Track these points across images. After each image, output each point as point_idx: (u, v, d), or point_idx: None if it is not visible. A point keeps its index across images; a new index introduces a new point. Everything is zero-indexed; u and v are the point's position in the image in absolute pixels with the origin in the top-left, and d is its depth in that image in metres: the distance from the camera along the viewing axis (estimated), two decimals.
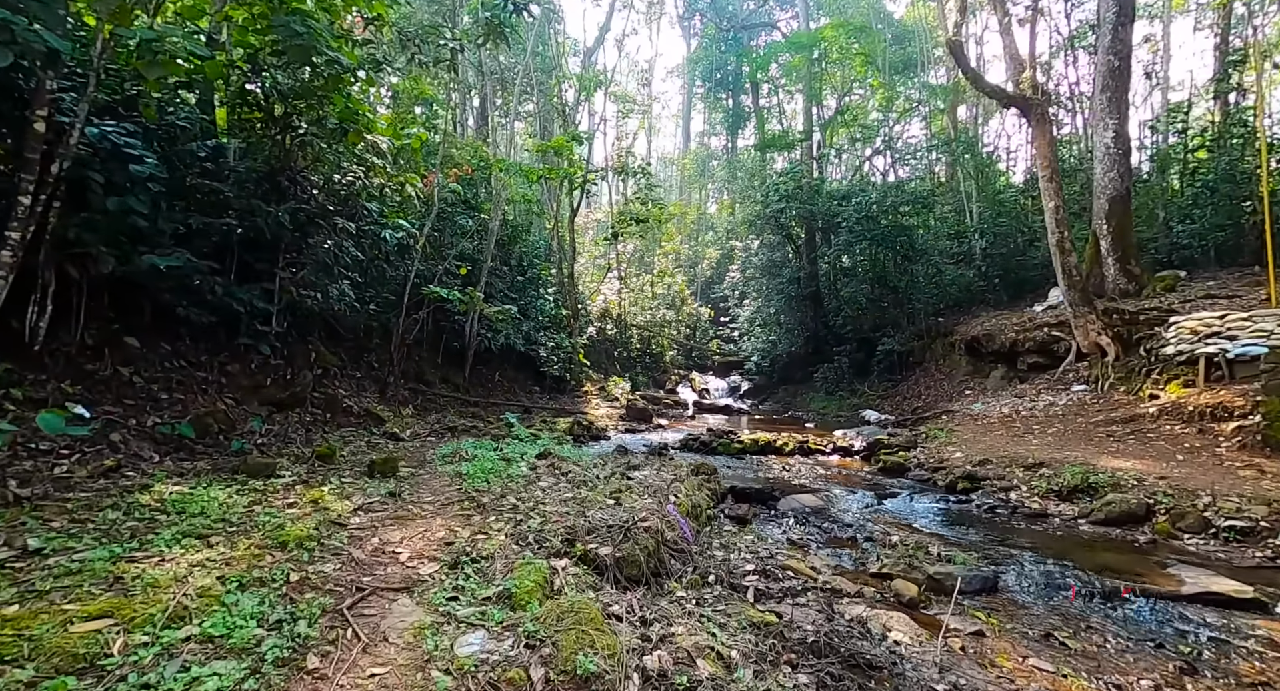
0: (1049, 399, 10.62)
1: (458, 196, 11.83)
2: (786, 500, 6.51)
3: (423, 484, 5.07)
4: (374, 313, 10.05)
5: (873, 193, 17.27)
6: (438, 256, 11.47)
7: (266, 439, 6.24)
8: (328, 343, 9.06)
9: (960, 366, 14.96)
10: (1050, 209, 11.06)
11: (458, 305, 10.87)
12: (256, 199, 6.74)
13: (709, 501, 5.54)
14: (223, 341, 6.90)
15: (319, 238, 7.33)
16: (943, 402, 13.78)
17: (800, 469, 8.71)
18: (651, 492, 4.82)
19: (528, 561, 3.17)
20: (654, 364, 23.82)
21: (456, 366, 12.59)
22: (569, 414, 12.83)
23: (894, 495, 7.25)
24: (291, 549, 3.11)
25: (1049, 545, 5.32)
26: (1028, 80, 11.02)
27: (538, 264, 15.78)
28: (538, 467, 5.81)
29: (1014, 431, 9.47)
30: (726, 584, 3.77)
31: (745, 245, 30.02)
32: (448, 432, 8.40)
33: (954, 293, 18.22)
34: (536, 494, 4.77)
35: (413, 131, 8.79)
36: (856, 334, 19.53)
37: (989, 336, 13.49)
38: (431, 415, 10.07)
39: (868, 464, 9.47)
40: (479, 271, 12.47)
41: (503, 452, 6.59)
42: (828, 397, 18.99)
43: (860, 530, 5.58)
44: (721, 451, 9.97)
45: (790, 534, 5.36)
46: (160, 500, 3.72)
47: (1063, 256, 10.87)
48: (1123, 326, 10.33)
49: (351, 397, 8.74)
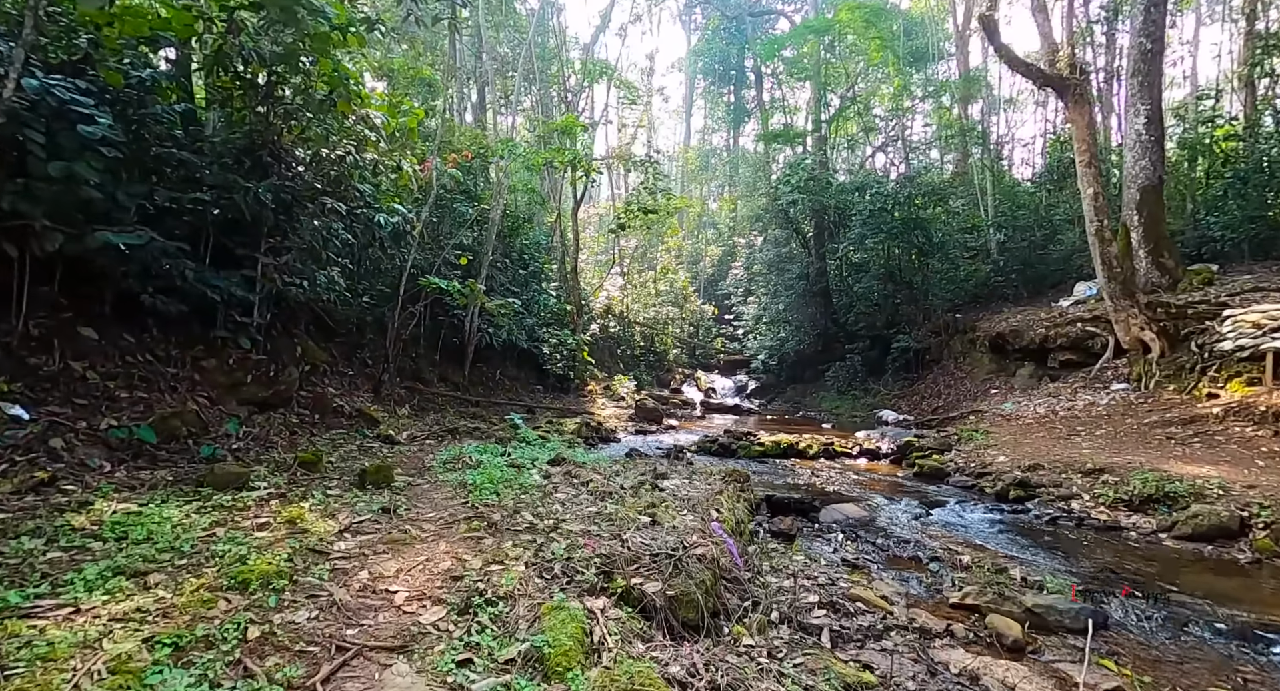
0: (1088, 398, 9.97)
1: (457, 183, 11.11)
2: (827, 511, 5.84)
3: (422, 496, 4.37)
4: (367, 305, 9.34)
5: (888, 184, 16.60)
6: (436, 246, 10.76)
7: (244, 443, 5.53)
8: (316, 337, 8.35)
9: (983, 364, 14.32)
10: (1089, 196, 10.41)
11: (457, 298, 10.16)
12: (234, 174, 6.02)
13: (748, 515, 4.85)
14: (197, 334, 6.18)
15: (305, 219, 6.61)
16: (967, 402, 13.13)
17: (830, 474, 8.04)
18: (690, 507, 4.13)
19: (558, 605, 2.48)
20: (658, 362, 23.12)
21: (456, 364, 11.88)
22: (575, 414, 12.14)
23: (940, 504, 6.58)
24: (254, 590, 2.41)
25: (1137, 565, 4.65)
26: (1065, 58, 10.38)
27: (539, 257, 15.07)
28: (552, 476, 5.11)
29: (1056, 433, 8.81)
30: (795, 623, 3.08)
31: (749, 241, 29.38)
32: (448, 435, 7.70)
33: (970, 288, 17.59)
34: (555, 509, 4.08)
35: (409, 109, 8.08)
36: (869, 331, 18.86)
37: (1016, 333, 12.84)
38: (430, 416, 9.36)
39: (900, 468, 8.81)
40: (479, 263, 11.75)
41: (511, 458, 5.89)
42: (840, 397, 18.32)
43: (920, 547, 4.90)
44: (742, 454, 9.29)
45: (844, 552, 4.68)
46: (97, 522, 3.01)
47: (1102, 246, 10.23)
48: (1168, 321, 9.69)
49: (342, 396, 8.02)
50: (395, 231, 8.38)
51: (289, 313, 7.58)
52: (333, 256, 6.93)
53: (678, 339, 25.56)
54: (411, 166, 8.60)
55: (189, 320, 5.98)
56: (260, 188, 6.06)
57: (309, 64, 6.18)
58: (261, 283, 6.59)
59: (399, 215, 8.32)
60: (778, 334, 21.04)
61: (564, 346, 14.76)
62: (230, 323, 6.29)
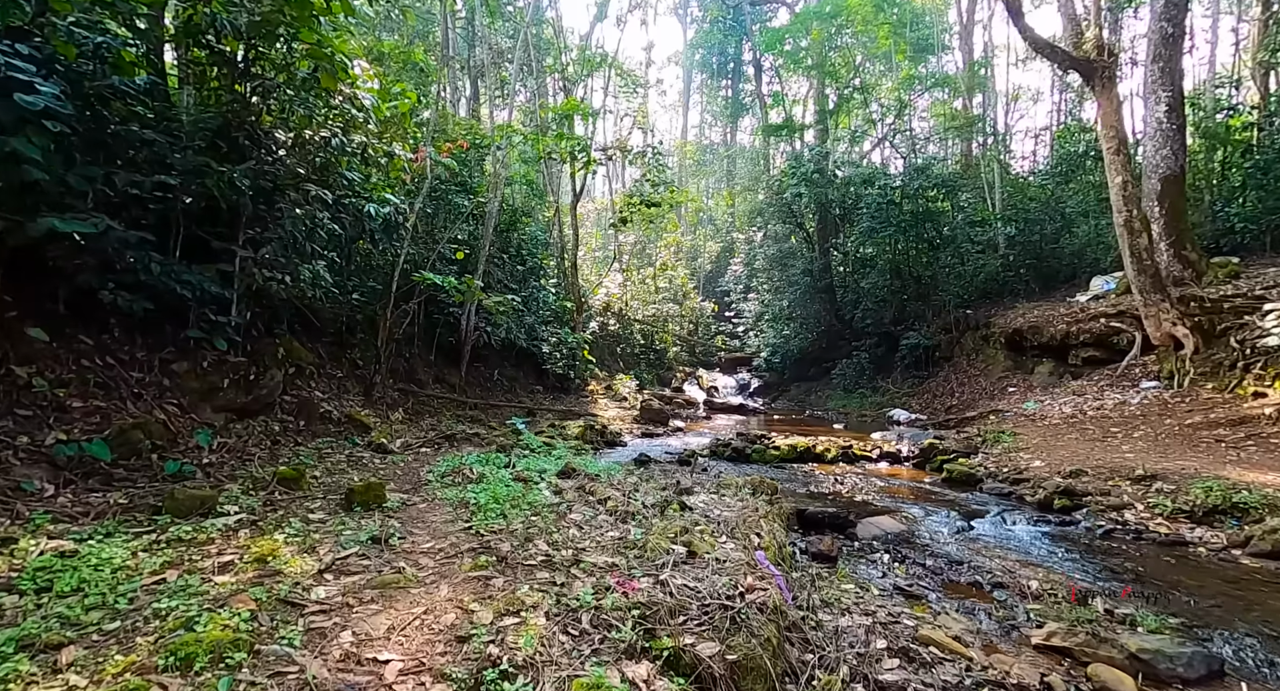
0: (1117, 397, 9.51)
1: (452, 174, 10.53)
2: (864, 525, 5.33)
3: (418, 519, 3.82)
4: (358, 302, 8.76)
5: (897, 176, 16.10)
6: (430, 239, 10.18)
7: (218, 456, 4.96)
8: (302, 336, 7.77)
9: (998, 361, 13.86)
10: (1117, 185, 9.93)
11: (453, 294, 9.59)
12: (207, 157, 5.43)
13: (784, 533, 4.32)
14: (168, 335, 5.60)
15: (287, 208, 6.03)
16: (984, 401, 12.67)
17: (853, 480, 7.53)
18: (728, 532, 3.60)
19: (596, 682, 1.94)
20: (658, 361, 22.60)
21: (452, 364, 11.31)
22: (577, 416, 11.59)
23: (979, 514, 6.09)
24: (201, 669, 1.86)
25: (1220, 589, 4.15)
26: (1092, 40, 9.88)
27: (538, 253, 14.50)
28: (564, 492, 4.57)
29: (1090, 435, 8.33)
30: (871, 684, 2.55)
31: (748, 237, 28.88)
32: (445, 442, 7.14)
33: (979, 283, 17.12)
34: (573, 534, 3.54)
35: (401, 91, 7.50)
36: (876, 328, 18.41)
37: (1035, 329, 12.38)
38: (425, 420, 8.79)
39: (925, 473, 8.32)
40: (476, 259, 11.18)
41: (516, 470, 5.34)
42: (847, 395, 17.86)
43: (977, 570, 4.39)
44: (757, 459, 8.78)
45: (894, 577, 4.16)
46: (18, 568, 2.45)
47: (1131, 238, 9.76)
48: (1202, 315, 9.23)
49: (330, 401, 7.45)
50: (387, 223, 7.80)
51: (271, 310, 7.00)
52: (318, 249, 6.35)
53: (678, 337, 25.04)
54: (405, 153, 8.02)
55: (157, 320, 5.40)
56: (236, 172, 5.48)
57: (289, 36, 5.60)
58: (239, 277, 6.02)
59: (391, 205, 7.75)
60: (781, 331, 20.54)
61: (564, 345, 14.21)
62: (204, 322, 5.71)
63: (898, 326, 17.95)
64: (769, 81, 30.99)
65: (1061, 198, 17.58)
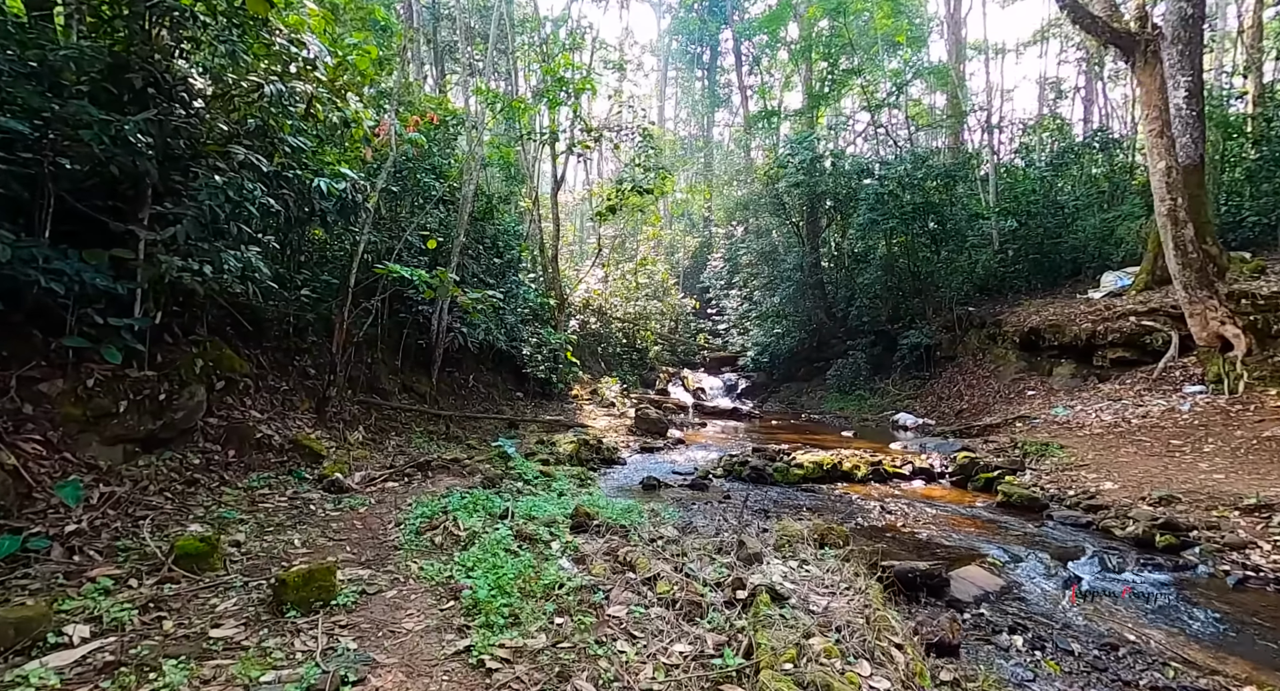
0: (1161, 403, 8.70)
1: (419, 150, 9.10)
2: (957, 581, 4.22)
3: (385, 629, 2.54)
4: (307, 300, 7.30)
5: (900, 165, 15.20)
6: (395, 226, 8.75)
7: (97, 516, 3.56)
8: (236, 342, 6.31)
9: (1009, 362, 13.07)
10: (1160, 170, 9.13)
11: (423, 290, 8.19)
12: (91, 103, 4.00)
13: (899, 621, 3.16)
14: (37, 344, 4.15)
15: (205, 175, 4.60)
16: (1000, 405, 11.84)
17: (901, 508, 6.47)
18: (858, 644, 2.41)
19: None
20: (641, 361, 21.38)
21: (421, 370, 9.89)
22: (566, 427, 10.30)
23: (1070, 554, 5.07)
24: None
25: None
26: (1136, 9, 9.05)
27: (517, 244, 13.10)
28: (588, 559, 3.33)
29: (1149, 449, 7.46)
30: None
31: (728, 232, 27.92)
32: (418, 472, 5.79)
33: (977, 278, 16.38)
34: (625, 657, 2.31)
35: (359, 43, 6.11)
36: (873, 326, 17.55)
37: (1055, 327, 11.58)
38: (391, 440, 7.40)
39: (969, 493, 7.33)
40: (449, 250, 9.77)
41: (515, 521, 4.07)
42: (844, 397, 16.96)
43: (1139, 655, 3.31)
44: (778, 480, 7.66)
45: (1049, 684, 3.05)
46: None
47: (1176, 229, 8.97)
48: (1256, 313, 8.48)
49: (271, 421, 6.02)
50: (343, 203, 6.38)
51: (193, 310, 5.55)
52: (248, 231, 4.93)
53: (659, 335, 23.87)
54: (367, 117, 6.61)
55: (15, 324, 3.95)
56: (129, 125, 4.05)
57: None
58: (144, 268, 4.58)
59: (347, 182, 6.33)
60: (772, 329, 19.54)
61: (545, 346, 12.88)
62: (90, 326, 4.26)
63: (895, 325, 17.11)
64: (749, 71, 30.02)
65: (1059, 190, 16.98)
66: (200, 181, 4.59)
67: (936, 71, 20.80)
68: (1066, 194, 16.65)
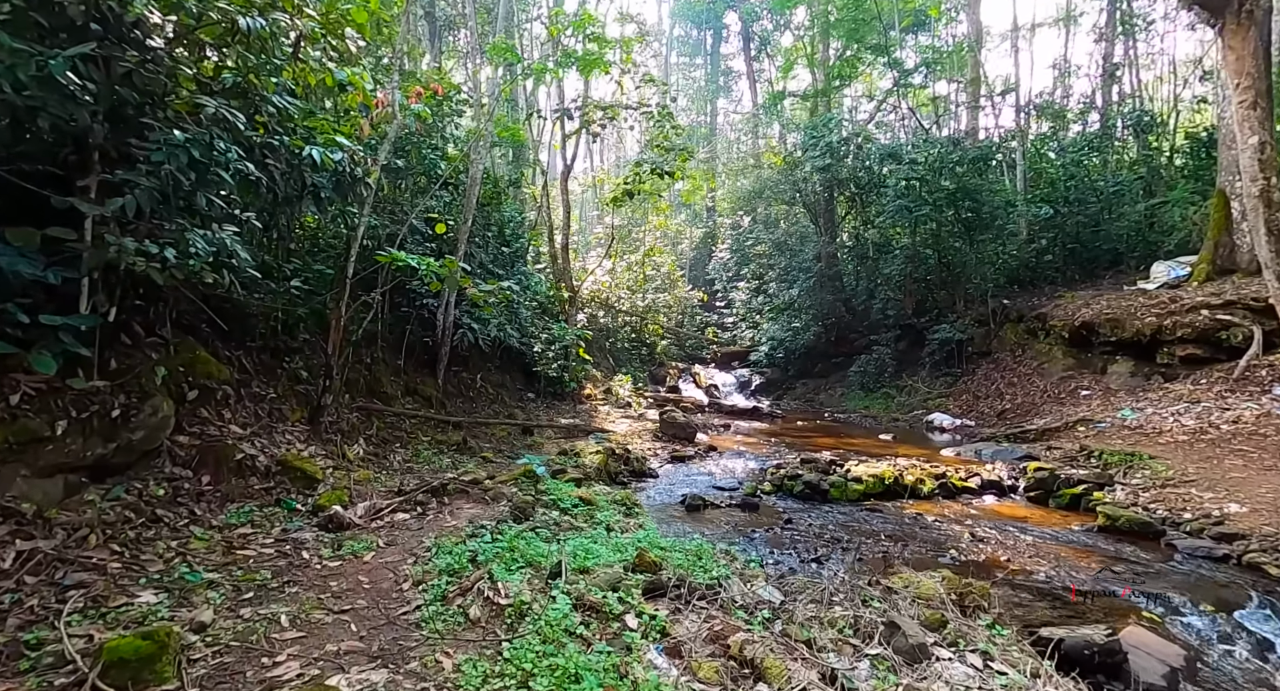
0: (1252, 407, 7.85)
1: (423, 125, 8.10)
2: (1135, 655, 3.32)
3: None
4: (298, 292, 6.31)
5: (931, 148, 14.25)
6: (396, 208, 7.75)
7: (10, 586, 2.60)
8: (216, 342, 5.33)
9: (1054, 359, 12.20)
10: (1251, 146, 8.20)
11: (429, 281, 7.19)
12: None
13: None
14: None
15: (162, 132, 3.61)
16: (1050, 405, 10.98)
17: (987, 533, 5.58)
18: None
19: None
20: (649, 356, 20.43)
21: (426, 370, 8.91)
22: (585, 433, 9.36)
23: (1234, 603, 4.19)
24: None
25: None
26: None
27: (525, 233, 12.11)
28: (686, 652, 2.40)
29: (1259, 461, 6.60)
30: None
31: (735, 222, 27.01)
32: (432, 499, 4.83)
33: (1010, 269, 15.48)
34: None
35: None
36: (899, 320, 16.66)
37: (1113, 322, 10.70)
38: (395, 453, 6.45)
39: (1052, 511, 6.48)
40: (455, 238, 8.78)
41: (565, 576, 3.13)
42: (868, 395, 16.09)
43: None
44: (837, 497, 6.76)
45: None
46: None
47: (1269, 211, 8.06)
48: None
49: (256, 437, 5.06)
50: (339, 177, 5.38)
51: (159, 305, 4.56)
52: (220, 205, 3.94)
53: (666, 329, 22.89)
54: (361, 82, 5.61)
55: None
56: (57, 61, 3.06)
57: None
58: (90, 251, 3.60)
59: (345, 152, 5.34)
60: (790, 323, 18.61)
61: (558, 342, 11.91)
62: (12, 326, 3.29)
63: (921, 318, 16.24)
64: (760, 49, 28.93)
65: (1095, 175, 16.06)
66: (158, 137, 3.60)
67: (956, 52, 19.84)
68: (1104, 179, 15.75)
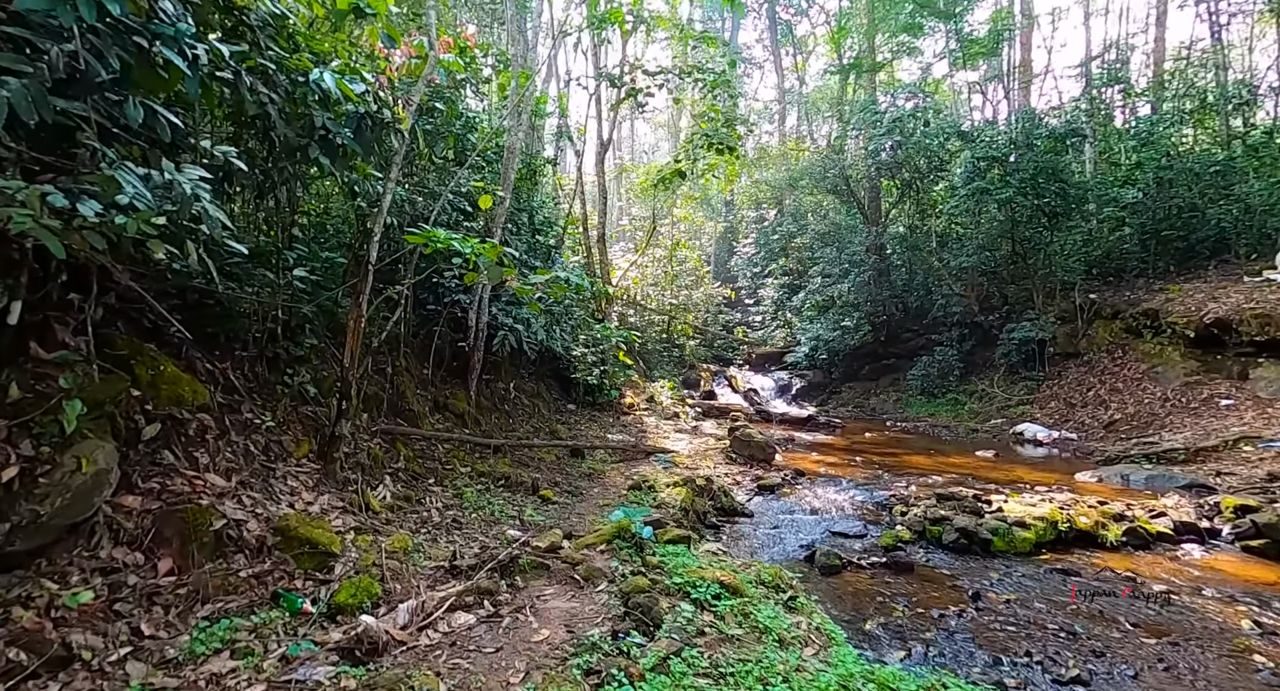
0: None
1: (454, 80, 6.57)
2: None
3: None
4: (304, 285, 4.78)
5: (1016, 123, 12.65)
6: (423, 179, 6.21)
7: None
8: (193, 352, 3.79)
9: (1170, 361, 10.62)
10: None
11: (467, 269, 5.65)
12: None
13: None
14: None
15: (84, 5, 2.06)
16: (1179, 416, 9.41)
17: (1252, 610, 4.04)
18: None
19: None
20: (680, 358, 18.89)
21: (456, 380, 7.38)
22: (644, 453, 7.81)
23: None
24: None
25: None
26: None
27: (561, 220, 10.56)
28: None
29: None
30: None
31: (759, 215, 25.67)
32: (501, 582, 3.28)
33: (1092, 258, 13.90)
34: None
35: None
36: (965, 317, 15.08)
37: (1264, 319, 9.10)
38: (431, 495, 4.91)
39: None
40: (490, 223, 7.26)
41: None
42: (930, 401, 14.51)
43: None
44: (1002, 548, 5.21)
45: None
46: None
47: None
48: None
49: (244, 490, 3.53)
50: (360, 121, 3.83)
51: (106, 298, 3.02)
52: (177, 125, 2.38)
53: (695, 328, 21.33)
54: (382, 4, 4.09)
55: None
56: None
57: None
58: None
59: (368, 87, 3.80)
60: (840, 321, 17.02)
61: (598, 345, 10.37)
62: None
63: (990, 315, 14.66)
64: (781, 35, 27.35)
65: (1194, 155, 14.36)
66: None
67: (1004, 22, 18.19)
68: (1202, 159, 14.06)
